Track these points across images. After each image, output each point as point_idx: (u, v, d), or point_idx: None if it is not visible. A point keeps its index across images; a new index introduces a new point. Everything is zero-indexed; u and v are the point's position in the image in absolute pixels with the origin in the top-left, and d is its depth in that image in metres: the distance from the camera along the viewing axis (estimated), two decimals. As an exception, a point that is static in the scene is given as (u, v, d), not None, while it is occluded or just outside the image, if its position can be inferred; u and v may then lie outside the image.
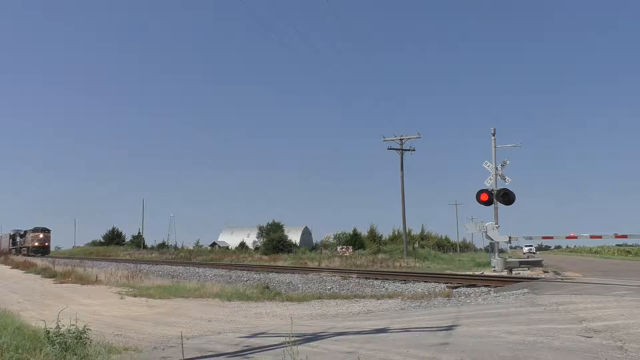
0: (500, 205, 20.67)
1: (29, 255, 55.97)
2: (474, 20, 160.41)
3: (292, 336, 5.59)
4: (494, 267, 20.88)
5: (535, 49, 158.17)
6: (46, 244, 65.21)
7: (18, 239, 70.76)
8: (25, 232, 68.42)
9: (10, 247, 70.84)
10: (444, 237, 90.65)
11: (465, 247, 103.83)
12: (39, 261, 36.35)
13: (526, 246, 69.89)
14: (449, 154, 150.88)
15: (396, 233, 65.39)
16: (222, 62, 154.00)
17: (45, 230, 66.32)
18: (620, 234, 15.74)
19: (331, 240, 65.63)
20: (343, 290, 16.15)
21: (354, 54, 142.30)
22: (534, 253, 66.23)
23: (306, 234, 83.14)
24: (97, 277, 20.58)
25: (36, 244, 63.29)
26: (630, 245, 79.87)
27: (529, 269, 21.13)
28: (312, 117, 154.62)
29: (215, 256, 49.93)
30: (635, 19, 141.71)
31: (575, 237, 16.75)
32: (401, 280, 17.28)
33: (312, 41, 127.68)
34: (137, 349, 6.85)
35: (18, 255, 61.06)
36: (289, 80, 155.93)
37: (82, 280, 20.26)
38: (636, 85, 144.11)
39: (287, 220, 75.59)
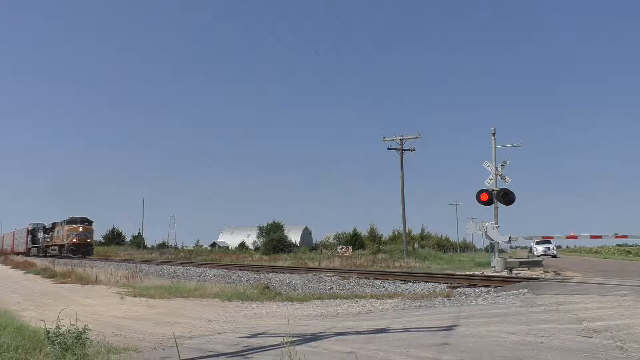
0: (500, 205, 20.67)
1: (62, 257, 43.95)
2: (474, 20, 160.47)
3: (290, 336, 5.59)
4: (494, 267, 20.87)
5: (535, 49, 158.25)
6: (89, 240, 48.28)
7: (40, 234, 55.14)
8: (54, 225, 51.55)
9: (29, 246, 57.55)
10: (444, 237, 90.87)
11: (465, 247, 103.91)
12: (38, 261, 36.32)
13: (538, 243, 49.06)
14: (449, 153, 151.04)
15: (396, 233, 65.47)
16: (222, 61, 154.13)
17: (85, 222, 48.85)
18: (620, 234, 15.72)
19: (331, 240, 65.64)
20: (343, 290, 16.14)
21: (354, 54, 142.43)
22: (554, 256, 49.64)
23: (306, 234, 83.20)
24: (97, 277, 20.58)
25: (75, 240, 46.42)
26: (630, 245, 79.68)
27: (529, 269, 21.12)
28: (312, 117, 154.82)
29: (215, 256, 49.92)
30: (635, 18, 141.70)
31: (575, 237, 16.74)
32: (401, 280, 17.26)
33: (312, 41, 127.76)
34: (136, 349, 6.85)
35: (42, 256, 48.91)
36: (289, 80, 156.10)
37: (82, 280, 20.27)
38: (637, 85, 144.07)
39: (287, 220, 75.67)
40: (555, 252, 51.56)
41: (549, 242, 48.44)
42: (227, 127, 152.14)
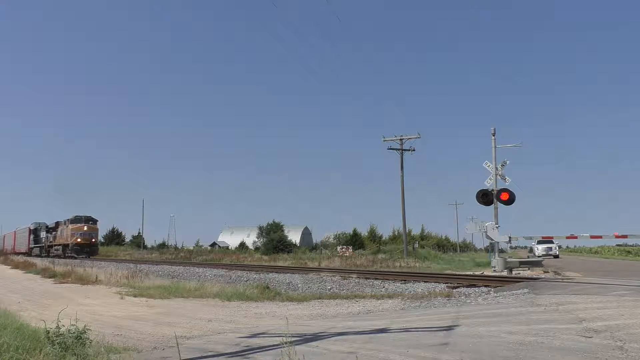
0: (500, 205, 20.68)
1: (66, 257, 43.51)
2: (474, 20, 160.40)
3: (290, 336, 5.59)
4: (494, 267, 20.87)
5: (535, 49, 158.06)
6: (93, 239, 47.39)
7: (43, 234, 53.92)
8: (57, 224, 50.18)
9: (32, 246, 56.50)
10: (444, 237, 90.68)
11: (465, 247, 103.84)
12: (38, 261, 36.32)
13: (540, 243, 45.90)
14: (449, 154, 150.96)
15: (396, 233, 65.40)
16: (222, 62, 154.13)
17: (90, 221, 47.62)
18: (620, 234, 15.72)
19: (331, 240, 65.66)
20: (343, 290, 16.14)
21: (354, 54, 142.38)
22: (556, 256, 46.72)
23: (306, 234, 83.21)
24: (97, 277, 20.58)
25: (79, 240, 45.41)
26: (630, 245, 79.77)
27: (529, 269, 21.13)
28: (312, 117, 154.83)
29: (215, 256, 49.90)
30: (635, 18, 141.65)
31: (575, 237, 16.75)
32: (401, 280, 17.26)
33: (312, 41, 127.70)
34: (136, 349, 6.85)
35: (44, 256, 48.13)
36: (289, 80, 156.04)
37: (82, 280, 20.27)
38: (637, 85, 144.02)
39: (287, 220, 75.74)
40: (557, 252, 48.65)
41: (552, 242, 45.49)
42: (227, 127, 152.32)
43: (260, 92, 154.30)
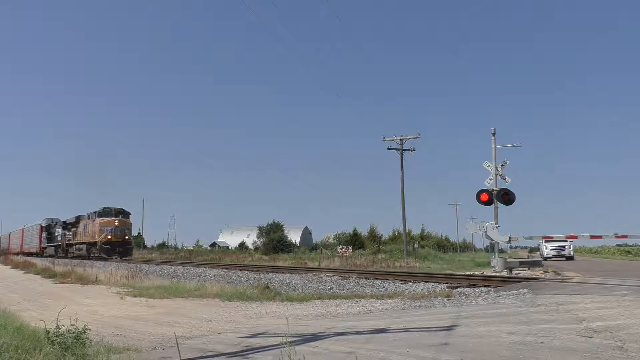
0: (500, 205, 20.68)
1: (91, 258, 37.88)
2: (474, 21, 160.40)
3: (290, 336, 5.59)
4: (494, 267, 20.86)
5: (535, 49, 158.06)
6: (127, 237, 39.74)
7: (59, 231, 46.79)
8: (78, 218, 42.55)
9: (44, 245, 50.05)
10: (444, 237, 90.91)
11: (465, 247, 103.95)
12: (38, 261, 36.31)
13: (549, 241, 38.70)
14: (449, 154, 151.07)
15: (396, 233, 65.45)
16: (222, 62, 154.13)
17: (121, 214, 39.85)
18: (620, 234, 15.75)
19: (331, 240, 65.69)
20: (343, 290, 16.13)
21: (353, 54, 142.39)
22: (570, 257, 39.70)
23: (306, 234, 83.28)
24: (97, 277, 20.59)
25: (110, 237, 38.16)
26: (630, 245, 79.79)
27: (529, 269, 21.12)
28: (312, 117, 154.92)
29: (215, 256, 49.91)
30: (635, 19, 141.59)
31: (575, 237, 16.78)
32: (401, 280, 17.25)
33: (312, 41, 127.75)
34: (136, 349, 6.85)
35: (61, 257, 42.01)
36: (288, 80, 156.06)
37: (82, 280, 20.28)
38: (637, 85, 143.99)
39: (287, 220, 75.69)
40: (572, 253, 40.57)
41: (564, 241, 37.51)
42: (227, 127, 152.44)
43: (260, 92, 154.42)
